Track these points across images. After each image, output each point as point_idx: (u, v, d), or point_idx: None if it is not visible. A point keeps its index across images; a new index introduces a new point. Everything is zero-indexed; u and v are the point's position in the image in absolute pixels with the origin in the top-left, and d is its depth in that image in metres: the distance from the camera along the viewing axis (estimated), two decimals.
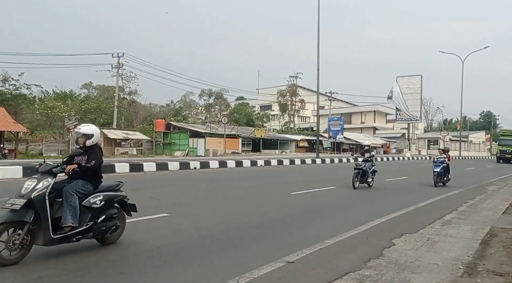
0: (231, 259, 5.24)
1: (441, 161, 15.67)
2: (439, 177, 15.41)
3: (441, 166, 15.47)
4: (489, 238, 6.83)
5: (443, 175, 15.58)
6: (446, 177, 15.84)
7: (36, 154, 29.68)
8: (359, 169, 13.71)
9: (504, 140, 43.59)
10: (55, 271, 4.53)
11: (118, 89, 45.53)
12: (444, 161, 15.72)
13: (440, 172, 15.42)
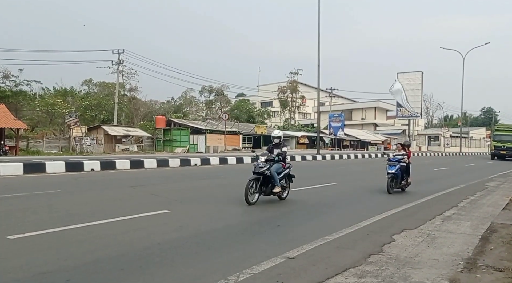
0: (232, 255, 5.25)
1: (398, 160, 12.00)
2: (394, 180, 11.87)
3: (398, 166, 11.85)
4: (489, 234, 6.84)
5: (400, 178, 12.02)
6: (405, 180, 12.29)
7: (37, 151, 29.71)
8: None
9: (499, 135, 40.78)
10: (55, 267, 4.54)
11: (118, 85, 45.50)
12: (402, 159, 12.07)
13: (396, 174, 11.80)
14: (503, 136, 39.91)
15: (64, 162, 16.03)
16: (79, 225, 6.48)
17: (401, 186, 12.24)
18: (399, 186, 12.09)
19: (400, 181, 12.07)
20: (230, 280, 4.22)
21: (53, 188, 10.67)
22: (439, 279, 4.43)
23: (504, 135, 39.84)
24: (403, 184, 12.28)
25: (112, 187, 11.85)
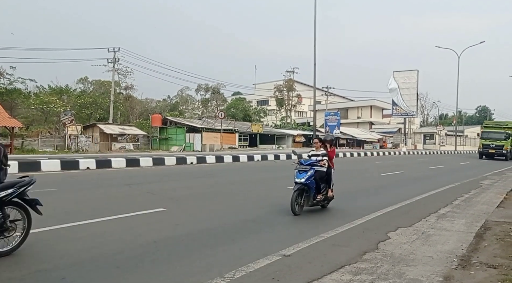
0: (228, 252, 5.27)
1: (311, 163, 8.12)
2: (305, 194, 7.96)
3: (311, 172, 7.97)
4: (483, 231, 6.90)
5: (313, 191, 8.04)
6: (323, 192, 8.35)
7: (32, 149, 29.58)
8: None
9: (487, 133, 37.80)
10: (51, 265, 4.54)
11: (114, 84, 45.35)
12: (318, 162, 8.18)
13: (308, 184, 7.92)
14: (491, 133, 37.01)
15: (60, 160, 15.99)
16: (75, 223, 6.48)
17: (317, 202, 8.18)
18: (312, 202, 8.08)
19: (315, 194, 8.07)
20: (226, 278, 4.24)
21: (48, 186, 10.63)
22: (434, 276, 4.47)
23: (492, 133, 37.05)
24: (318, 199, 8.16)
25: (108, 186, 11.83)
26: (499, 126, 38.59)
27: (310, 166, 8.11)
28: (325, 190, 8.51)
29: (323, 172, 8.35)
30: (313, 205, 8.29)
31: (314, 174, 8.02)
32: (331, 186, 8.64)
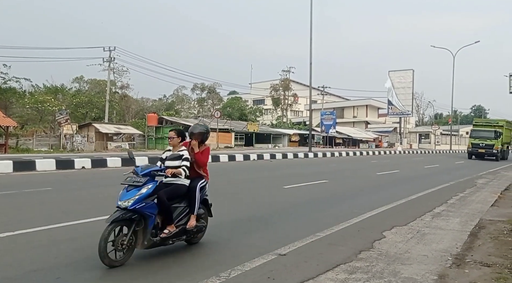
0: (223, 252, 5.27)
1: (149, 173, 4.95)
2: (133, 227, 4.61)
3: (144, 191, 4.73)
4: (477, 230, 6.94)
5: (152, 221, 4.75)
6: (180, 221, 5.13)
7: (27, 149, 29.43)
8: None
9: (477, 131, 35.85)
10: (46, 265, 4.53)
11: (109, 83, 45.21)
12: (168, 171, 5.09)
13: (141, 211, 4.67)
14: (481, 132, 35.09)
15: (55, 159, 15.92)
16: (70, 223, 6.46)
17: (162, 239, 4.90)
18: (153, 240, 4.79)
19: (158, 226, 4.92)
20: (222, 277, 4.24)
21: (43, 186, 10.60)
22: (428, 274, 4.49)
23: (482, 131, 35.14)
24: (165, 235, 4.92)
25: (103, 185, 11.79)
26: (489, 125, 36.85)
27: (149, 178, 4.88)
28: (185, 218, 5.21)
29: (180, 187, 5.20)
30: (154, 245, 4.84)
31: (153, 192, 4.81)
32: (195, 210, 5.24)
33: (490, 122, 38.10)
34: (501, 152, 34.99)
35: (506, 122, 38.01)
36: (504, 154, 36.26)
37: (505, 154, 37.10)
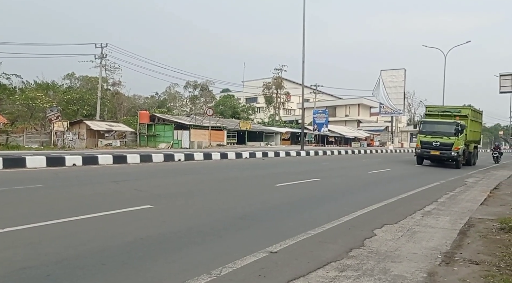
0: (215, 249, 5.28)
1: None
2: None
3: None
4: (467, 228, 7.02)
5: None
6: None
7: (17, 146, 29.13)
8: None
9: (429, 124, 23.83)
10: (36, 262, 4.49)
11: (101, 80, 44.87)
12: None
13: None
14: (436, 125, 23.60)
15: (45, 156, 15.78)
16: (61, 220, 6.41)
17: None
18: None
19: None
20: (213, 275, 4.25)
21: (33, 183, 10.51)
22: (418, 272, 4.54)
23: (438, 124, 23.58)
24: None
25: (94, 182, 11.72)
26: (447, 114, 24.59)
27: None
28: None
29: None
30: None
31: None
32: None
33: (449, 110, 25.09)
34: (465, 154, 24.17)
35: (472, 111, 25.81)
36: (470, 157, 25.40)
37: (472, 157, 26.02)
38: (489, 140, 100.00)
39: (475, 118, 26.38)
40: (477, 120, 27.16)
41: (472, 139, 25.52)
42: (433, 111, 25.71)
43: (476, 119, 26.74)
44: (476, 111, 27.53)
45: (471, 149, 25.72)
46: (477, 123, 27.50)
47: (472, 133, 25.22)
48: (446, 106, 27.10)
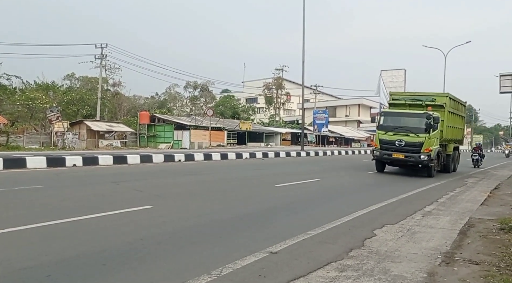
0: (215, 250, 5.28)
1: None
2: None
3: None
4: (467, 228, 7.02)
5: None
6: None
7: (17, 146, 29.14)
8: None
9: (393, 117, 17.65)
10: (36, 262, 4.50)
11: (101, 80, 44.88)
12: None
13: None
14: (402, 118, 17.43)
15: (46, 157, 15.77)
16: (61, 221, 6.41)
17: None
18: None
19: None
20: (213, 275, 4.25)
21: (34, 183, 10.51)
22: (418, 272, 4.54)
23: (404, 117, 17.43)
24: None
25: (95, 183, 11.73)
26: (417, 104, 18.22)
27: None
28: None
29: None
30: None
31: None
32: None
33: (420, 98, 18.51)
34: (441, 157, 18.35)
35: (451, 100, 19.32)
36: (448, 162, 19.64)
37: (451, 162, 20.03)
38: (489, 140, 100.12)
39: (455, 109, 20.00)
40: (458, 113, 20.77)
41: (451, 137, 19.53)
42: (398, 99, 18.98)
43: (456, 111, 20.36)
44: (457, 100, 20.66)
45: (450, 151, 19.83)
46: (459, 117, 21.07)
47: (450, 130, 19.18)
48: (416, 93, 19.71)
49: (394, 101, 19.05)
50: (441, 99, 18.51)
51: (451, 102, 19.11)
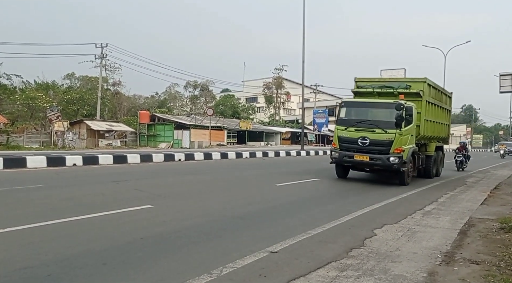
0: (215, 249, 5.28)
1: None
2: None
3: None
4: (467, 228, 7.02)
5: None
6: None
7: (17, 146, 29.14)
8: None
9: (356, 109, 13.94)
10: (36, 262, 4.50)
11: (101, 80, 44.86)
12: None
13: None
14: (367, 109, 13.79)
15: (46, 156, 15.77)
16: (61, 220, 6.41)
17: None
18: None
19: None
20: (213, 274, 4.25)
21: (34, 183, 10.51)
22: (418, 272, 4.55)
23: (369, 107, 13.83)
24: None
25: (95, 182, 11.73)
26: (387, 92, 14.49)
27: None
28: None
29: None
30: None
31: None
32: None
33: (391, 85, 14.77)
34: (417, 160, 14.66)
35: (430, 87, 15.65)
36: (429, 164, 15.98)
37: (432, 164, 16.22)
38: (489, 140, 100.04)
39: (437, 100, 16.04)
40: (441, 105, 16.65)
41: (432, 134, 15.60)
42: (365, 86, 14.93)
43: (439, 103, 16.34)
44: (439, 89, 16.68)
45: (431, 152, 15.94)
46: (442, 110, 17.00)
47: (431, 125, 15.35)
48: (387, 79, 15.65)
49: (359, 89, 15.07)
50: (418, 85, 14.49)
51: (430, 90, 15.32)
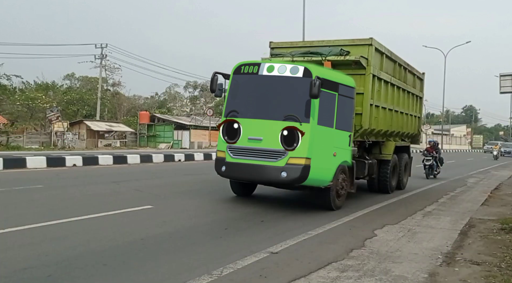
0: (216, 250, 5.27)
1: None
2: None
3: None
4: (467, 228, 7.01)
5: None
6: None
7: (17, 146, 29.12)
8: None
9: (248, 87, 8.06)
10: (37, 262, 4.49)
11: (101, 80, 44.86)
12: None
13: None
14: (261, 87, 7.81)
15: (46, 157, 15.75)
16: (61, 221, 6.40)
17: None
18: None
19: None
20: (214, 275, 4.24)
21: (34, 183, 10.50)
22: (419, 273, 4.54)
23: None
24: None
25: (95, 183, 11.71)
26: (311, 60, 8.74)
27: None
28: None
29: None
30: None
31: None
32: None
33: (317, 51, 9.01)
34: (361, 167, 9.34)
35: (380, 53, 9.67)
36: (385, 174, 10.62)
37: (390, 174, 10.69)
38: (489, 140, 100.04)
39: (394, 78, 10.75)
40: (403, 86, 11.47)
41: (387, 128, 10.55)
42: (282, 54, 9.68)
43: (398, 82, 11.03)
44: (399, 61, 11.14)
45: (387, 155, 10.70)
46: (406, 94, 11.94)
47: (384, 115, 10.31)
48: (315, 42, 9.88)
49: (274, 57, 9.62)
50: (359, 50, 9.12)
51: (383, 61, 9.92)
